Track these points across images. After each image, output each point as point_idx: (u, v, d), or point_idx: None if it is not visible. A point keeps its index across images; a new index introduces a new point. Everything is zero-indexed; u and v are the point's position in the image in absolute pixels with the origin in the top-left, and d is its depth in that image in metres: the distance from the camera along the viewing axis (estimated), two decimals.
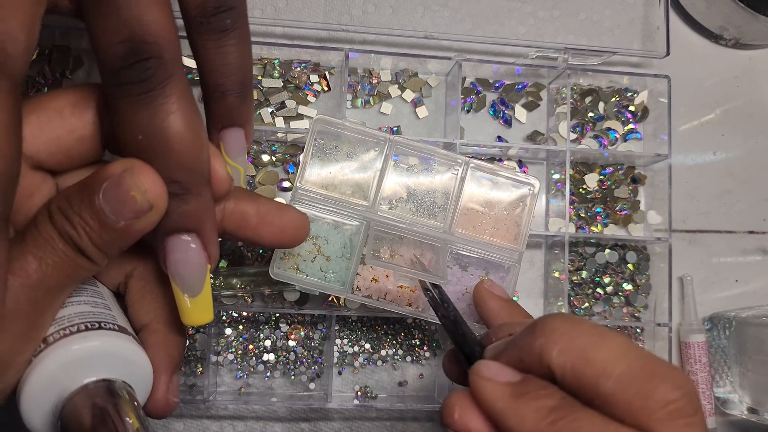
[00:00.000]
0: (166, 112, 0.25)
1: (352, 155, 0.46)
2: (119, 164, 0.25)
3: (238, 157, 0.35)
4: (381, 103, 0.57)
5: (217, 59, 0.31)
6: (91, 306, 0.28)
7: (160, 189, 0.25)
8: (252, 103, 0.35)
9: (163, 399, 0.29)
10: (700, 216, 0.61)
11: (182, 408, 0.53)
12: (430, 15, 0.58)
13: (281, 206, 0.32)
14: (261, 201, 0.31)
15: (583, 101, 0.59)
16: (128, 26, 0.24)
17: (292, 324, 0.54)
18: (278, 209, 0.31)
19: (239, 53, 0.32)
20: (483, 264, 0.49)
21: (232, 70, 0.32)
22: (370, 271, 0.47)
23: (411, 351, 0.55)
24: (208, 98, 0.33)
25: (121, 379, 0.27)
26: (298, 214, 0.32)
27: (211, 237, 0.28)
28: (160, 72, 0.25)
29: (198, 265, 0.28)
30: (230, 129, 0.34)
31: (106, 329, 0.27)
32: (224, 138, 0.34)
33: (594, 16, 0.60)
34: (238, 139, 0.34)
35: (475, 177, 0.48)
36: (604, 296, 0.57)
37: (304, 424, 0.54)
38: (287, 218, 0.32)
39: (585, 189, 0.58)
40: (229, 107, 0.33)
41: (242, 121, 0.34)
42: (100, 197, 0.24)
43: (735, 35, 0.60)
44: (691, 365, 0.57)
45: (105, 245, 0.25)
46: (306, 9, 0.57)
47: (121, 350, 0.27)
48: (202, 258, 0.28)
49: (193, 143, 0.25)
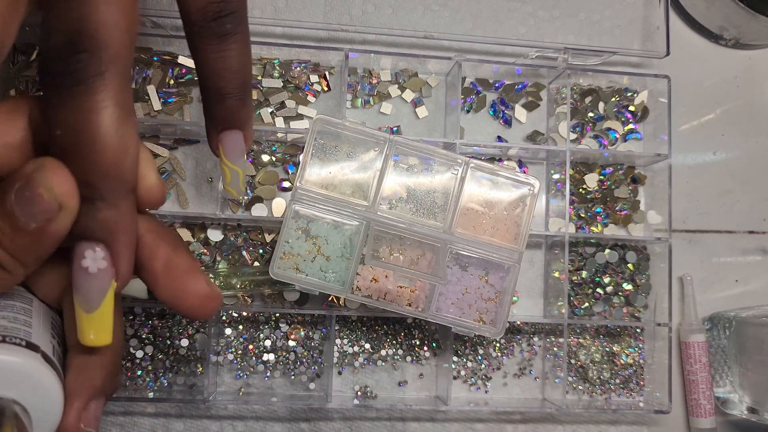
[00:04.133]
0: (89, 109, 0.23)
1: (352, 155, 0.46)
2: (33, 163, 0.24)
3: (238, 159, 0.35)
4: (381, 103, 0.57)
5: (218, 63, 0.31)
6: (7, 321, 0.26)
7: (69, 187, 0.23)
8: (252, 106, 0.35)
9: (72, 427, 0.27)
10: (700, 216, 0.61)
11: (182, 408, 0.53)
12: (430, 15, 0.58)
13: (195, 271, 0.28)
14: (179, 253, 0.28)
15: (583, 101, 0.59)
16: (73, 20, 0.23)
17: (292, 324, 0.54)
18: (189, 272, 0.28)
19: (240, 57, 0.31)
20: (483, 264, 0.49)
21: (233, 74, 0.31)
22: (369, 271, 0.47)
23: (411, 351, 0.55)
24: (208, 101, 0.33)
25: (12, 399, 0.25)
26: (206, 288, 0.28)
27: (121, 252, 0.26)
28: (91, 67, 0.23)
29: (98, 280, 0.25)
30: (229, 131, 0.34)
31: (9, 343, 0.25)
32: (223, 141, 0.34)
33: (594, 16, 0.60)
34: (237, 141, 0.34)
35: (475, 177, 0.48)
36: (604, 296, 0.57)
37: (304, 424, 0.54)
38: (192, 285, 0.28)
39: (585, 189, 0.58)
40: (229, 110, 0.33)
41: (241, 124, 0.34)
42: (12, 198, 0.23)
43: (735, 35, 0.60)
44: (691, 365, 0.57)
45: (19, 252, 0.24)
46: (306, 9, 0.57)
47: (17, 367, 0.25)
48: (106, 273, 0.25)
49: (114, 147, 0.24)
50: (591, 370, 0.57)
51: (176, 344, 0.52)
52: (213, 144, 0.35)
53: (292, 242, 0.46)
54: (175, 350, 0.52)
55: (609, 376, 0.57)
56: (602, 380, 0.57)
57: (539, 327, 0.57)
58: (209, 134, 0.35)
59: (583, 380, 0.57)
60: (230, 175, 0.36)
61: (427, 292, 0.48)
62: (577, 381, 0.57)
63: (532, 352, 0.57)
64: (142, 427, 0.53)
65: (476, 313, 0.48)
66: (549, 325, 0.57)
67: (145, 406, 0.53)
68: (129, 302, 0.51)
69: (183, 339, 0.52)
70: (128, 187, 0.25)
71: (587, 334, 0.57)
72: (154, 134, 0.54)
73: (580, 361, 0.57)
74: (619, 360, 0.57)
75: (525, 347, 0.57)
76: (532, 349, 0.57)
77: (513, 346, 0.57)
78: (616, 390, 0.57)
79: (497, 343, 0.56)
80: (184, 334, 0.53)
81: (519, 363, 0.57)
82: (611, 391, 0.57)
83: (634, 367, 0.57)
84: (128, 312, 0.52)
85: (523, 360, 0.57)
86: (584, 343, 0.57)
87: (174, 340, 0.52)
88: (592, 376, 0.57)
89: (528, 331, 0.57)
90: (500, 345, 0.56)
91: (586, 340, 0.57)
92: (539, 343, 0.57)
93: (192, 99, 0.55)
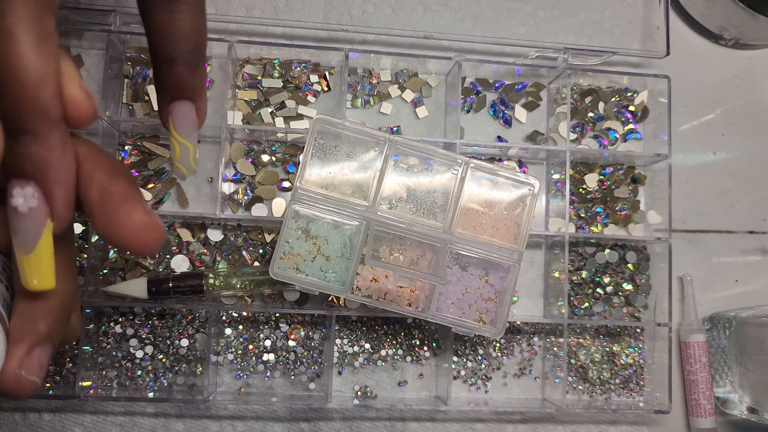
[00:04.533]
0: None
1: (352, 155, 0.46)
2: None
3: (189, 134, 0.32)
4: (381, 103, 0.57)
5: (167, 26, 0.29)
6: None
7: None
8: (204, 77, 0.32)
9: (12, 373, 0.25)
10: (700, 216, 0.61)
11: (182, 408, 0.53)
12: (430, 15, 0.58)
13: (132, 200, 0.26)
14: (117, 181, 0.26)
15: (583, 101, 0.59)
16: None
17: (292, 324, 0.54)
18: (125, 200, 0.26)
19: (191, 21, 0.29)
20: (483, 264, 0.49)
21: (183, 37, 0.29)
22: (369, 271, 0.47)
23: (411, 351, 0.55)
24: (157, 69, 0.30)
25: None
26: (143, 217, 0.26)
27: (54, 189, 0.24)
28: None
29: (30, 219, 0.24)
30: (180, 103, 0.31)
31: None
32: (173, 112, 0.32)
33: (594, 16, 0.60)
34: (188, 114, 0.32)
35: (475, 177, 0.48)
36: (604, 296, 0.57)
37: (304, 424, 0.54)
38: (127, 215, 0.26)
39: (585, 189, 0.58)
40: (179, 79, 0.30)
41: (193, 95, 0.31)
42: None
43: (735, 35, 0.60)
44: (691, 365, 0.57)
45: None
46: (306, 9, 0.57)
47: None
48: (38, 212, 0.24)
49: (32, 76, 0.22)
50: (591, 370, 0.57)
51: (176, 344, 0.52)
52: (163, 116, 0.33)
53: (292, 242, 0.46)
54: (175, 350, 0.52)
55: (609, 376, 0.57)
56: (602, 380, 0.57)
57: (539, 327, 0.57)
58: (159, 106, 0.32)
59: (583, 380, 0.57)
60: (180, 150, 0.33)
61: (427, 292, 0.48)
62: (577, 381, 0.57)
63: (532, 352, 0.57)
64: (142, 427, 0.53)
65: (476, 313, 0.48)
66: (549, 325, 0.57)
67: (145, 406, 0.53)
68: (129, 302, 0.51)
69: (183, 339, 0.52)
70: (53, 118, 0.24)
71: (587, 334, 0.57)
72: (154, 134, 0.54)
73: (580, 361, 0.57)
74: (619, 360, 0.57)
75: (525, 347, 0.57)
76: (532, 349, 0.57)
77: (513, 346, 0.57)
78: (616, 390, 0.57)
79: (497, 343, 0.56)
80: (184, 334, 0.52)
81: (519, 363, 0.57)
82: (611, 391, 0.57)
83: (634, 367, 0.57)
84: (128, 312, 0.52)
85: (523, 360, 0.57)
86: (584, 343, 0.57)
87: (174, 340, 0.52)
88: (592, 376, 0.57)
89: (528, 331, 0.57)
90: (500, 345, 0.56)
91: (586, 340, 0.57)
92: (539, 343, 0.57)
93: None
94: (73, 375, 0.51)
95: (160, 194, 0.54)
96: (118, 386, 0.52)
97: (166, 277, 0.50)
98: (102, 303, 0.51)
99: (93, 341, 0.51)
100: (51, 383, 0.51)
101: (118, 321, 0.52)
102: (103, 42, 0.52)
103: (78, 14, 0.51)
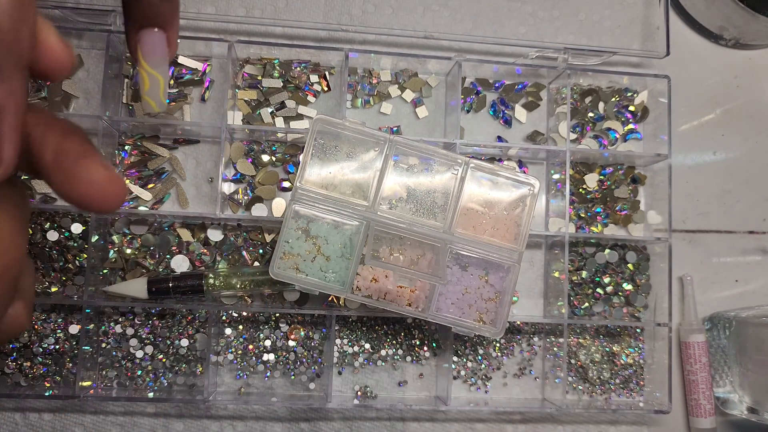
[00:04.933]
0: None
1: (352, 155, 0.46)
2: None
3: (159, 65, 0.31)
4: (381, 103, 0.57)
5: None
6: None
7: None
8: (177, 6, 0.31)
9: None
10: (700, 216, 0.61)
11: (182, 408, 0.53)
12: (430, 15, 0.58)
13: (88, 155, 0.25)
14: (71, 139, 0.25)
15: (583, 101, 0.59)
16: None
17: (292, 324, 0.54)
18: (81, 156, 0.25)
19: None
20: (483, 264, 0.49)
21: None
22: (370, 271, 0.47)
23: (411, 351, 0.55)
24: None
25: None
26: (102, 172, 0.25)
27: (6, 133, 0.23)
28: None
29: None
30: (149, 30, 0.30)
31: None
32: (141, 40, 0.30)
33: (594, 16, 0.60)
34: (157, 43, 0.30)
35: (475, 177, 0.48)
36: (604, 296, 0.57)
37: (304, 424, 0.54)
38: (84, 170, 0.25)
39: (585, 189, 0.58)
40: (149, 4, 0.29)
41: (163, 23, 0.30)
42: None
43: (735, 35, 0.60)
44: (691, 365, 0.57)
45: None
46: (306, 9, 0.57)
47: None
48: None
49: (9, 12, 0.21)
50: (591, 370, 0.57)
51: (176, 344, 0.52)
52: (131, 44, 0.31)
53: (292, 242, 0.46)
54: (175, 350, 0.52)
55: (609, 376, 0.57)
56: (602, 380, 0.57)
57: (539, 327, 0.57)
58: (127, 33, 0.31)
59: (583, 380, 0.57)
60: (149, 82, 0.32)
61: (427, 292, 0.48)
62: (577, 381, 0.57)
63: (532, 352, 0.57)
64: (142, 427, 0.53)
65: (476, 313, 0.48)
66: (549, 325, 0.57)
67: (145, 406, 0.53)
68: (129, 302, 0.51)
69: (183, 339, 0.52)
70: (23, 60, 0.23)
71: (587, 334, 0.57)
72: (154, 134, 0.54)
73: (580, 361, 0.57)
74: (619, 360, 0.57)
75: (525, 347, 0.57)
76: (532, 349, 0.57)
77: (513, 346, 0.57)
78: (616, 390, 0.57)
79: (497, 343, 0.56)
80: (184, 334, 0.53)
81: (519, 363, 0.57)
82: (611, 391, 0.57)
83: (634, 367, 0.57)
84: (128, 312, 0.52)
85: (523, 360, 0.57)
86: (584, 343, 0.57)
87: (174, 340, 0.52)
88: (592, 376, 0.57)
89: (528, 331, 0.57)
90: (500, 345, 0.56)
91: (586, 340, 0.57)
92: (539, 343, 0.57)
93: (192, 99, 0.55)
94: (73, 375, 0.51)
95: (160, 194, 0.54)
96: (118, 386, 0.52)
97: (166, 277, 0.50)
98: (102, 303, 0.51)
99: (93, 341, 0.51)
100: (51, 383, 0.51)
101: (118, 321, 0.52)
102: (103, 42, 0.53)
103: (78, 14, 0.51)
